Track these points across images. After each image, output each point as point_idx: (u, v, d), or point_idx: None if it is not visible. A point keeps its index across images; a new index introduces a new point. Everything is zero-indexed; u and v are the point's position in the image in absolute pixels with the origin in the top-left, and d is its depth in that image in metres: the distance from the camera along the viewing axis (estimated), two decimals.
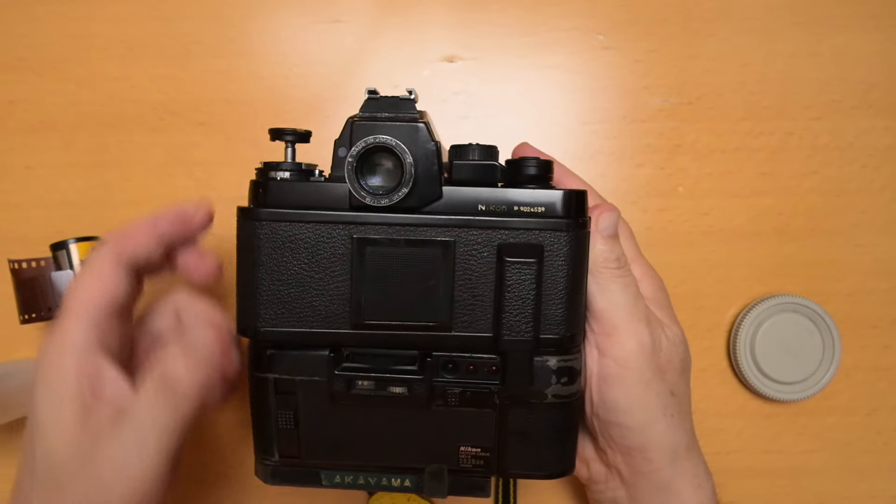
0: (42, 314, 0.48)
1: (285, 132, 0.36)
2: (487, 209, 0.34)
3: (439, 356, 0.36)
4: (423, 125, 0.34)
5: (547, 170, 0.36)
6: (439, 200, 0.34)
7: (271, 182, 0.35)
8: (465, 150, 0.35)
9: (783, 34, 0.50)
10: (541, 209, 0.34)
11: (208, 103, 0.52)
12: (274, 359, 0.36)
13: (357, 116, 0.34)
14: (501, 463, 0.37)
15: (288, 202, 0.35)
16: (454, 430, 0.37)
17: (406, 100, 0.35)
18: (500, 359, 0.35)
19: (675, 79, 0.51)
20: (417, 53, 0.51)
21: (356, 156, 0.33)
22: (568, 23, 0.51)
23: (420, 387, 0.35)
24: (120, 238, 0.36)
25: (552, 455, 0.37)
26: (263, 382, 0.36)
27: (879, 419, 0.50)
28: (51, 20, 0.52)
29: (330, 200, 0.35)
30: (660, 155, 0.51)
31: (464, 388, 0.36)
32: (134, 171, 0.52)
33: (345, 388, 0.35)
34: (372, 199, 0.33)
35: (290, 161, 0.36)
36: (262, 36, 0.52)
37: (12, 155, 0.52)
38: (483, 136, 0.51)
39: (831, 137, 0.50)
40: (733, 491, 0.50)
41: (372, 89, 0.35)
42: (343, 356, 0.36)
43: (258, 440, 0.38)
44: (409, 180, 0.33)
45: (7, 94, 0.52)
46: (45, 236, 0.50)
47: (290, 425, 0.37)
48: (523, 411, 0.36)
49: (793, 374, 0.48)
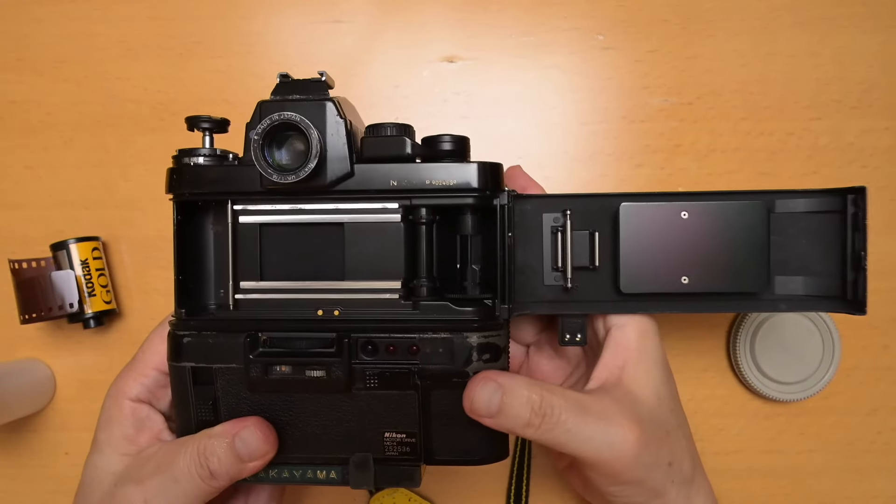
0: (42, 314, 0.48)
1: (201, 119, 0.37)
2: (399, 184, 0.34)
3: (357, 337, 0.35)
4: (331, 103, 0.34)
5: (463, 145, 0.36)
6: (351, 178, 0.34)
7: (185, 167, 0.36)
8: (379, 128, 0.35)
9: (783, 34, 0.50)
10: (452, 182, 0.34)
11: (208, 103, 0.52)
12: (190, 346, 0.35)
13: (268, 99, 0.35)
14: (429, 449, 0.36)
15: (201, 187, 0.35)
16: (377, 415, 0.36)
17: (316, 81, 0.35)
18: (418, 337, 0.35)
19: (675, 79, 0.51)
20: (417, 53, 0.51)
21: (262, 133, 0.33)
22: (568, 23, 0.51)
23: (338, 369, 0.34)
24: None
25: (481, 439, 0.36)
26: (181, 372, 0.36)
27: (879, 419, 0.50)
28: (51, 20, 0.52)
29: (241, 182, 0.35)
30: (660, 155, 0.51)
31: (383, 370, 0.35)
32: (134, 171, 0.52)
33: (262, 373, 0.35)
34: (278, 175, 0.33)
35: (207, 147, 0.36)
36: (262, 36, 0.52)
37: (12, 155, 0.52)
38: (483, 136, 0.51)
39: (831, 137, 0.50)
40: (733, 491, 0.50)
41: (284, 73, 0.35)
42: (259, 341, 0.35)
43: (180, 434, 0.37)
44: (315, 155, 0.33)
45: (7, 94, 0.52)
46: (45, 236, 0.50)
47: (210, 416, 0.36)
48: (446, 392, 0.35)
49: (793, 374, 0.48)
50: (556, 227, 0.37)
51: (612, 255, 0.36)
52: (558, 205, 0.37)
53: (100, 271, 0.50)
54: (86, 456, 0.36)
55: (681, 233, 0.36)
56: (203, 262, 0.38)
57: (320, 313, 0.36)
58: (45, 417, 0.52)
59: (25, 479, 0.52)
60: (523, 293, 0.37)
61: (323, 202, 0.35)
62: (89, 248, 0.49)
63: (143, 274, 0.52)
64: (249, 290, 0.36)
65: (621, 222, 0.36)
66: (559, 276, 0.37)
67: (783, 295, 0.36)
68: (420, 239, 0.36)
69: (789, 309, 0.37)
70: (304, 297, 0.36)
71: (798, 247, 0.36)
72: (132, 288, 0.52)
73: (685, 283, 0.36)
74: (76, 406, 0.52)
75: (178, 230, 0.36)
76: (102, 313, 0.50)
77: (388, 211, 0.35)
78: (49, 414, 0.52)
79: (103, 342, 0.52)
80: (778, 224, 0.36)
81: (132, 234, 0.52)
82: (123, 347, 0.52)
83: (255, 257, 0.36)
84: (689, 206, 0.36)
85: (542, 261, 0.37)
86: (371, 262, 0.36)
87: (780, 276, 0.36)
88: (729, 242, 0.35)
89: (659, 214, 0.36)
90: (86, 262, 0.49)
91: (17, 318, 0.48)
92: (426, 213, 0.36)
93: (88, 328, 0.49)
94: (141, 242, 0.52)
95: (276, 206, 0.36)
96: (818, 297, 0.36)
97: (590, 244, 0.37)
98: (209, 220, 0.38)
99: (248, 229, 0.36)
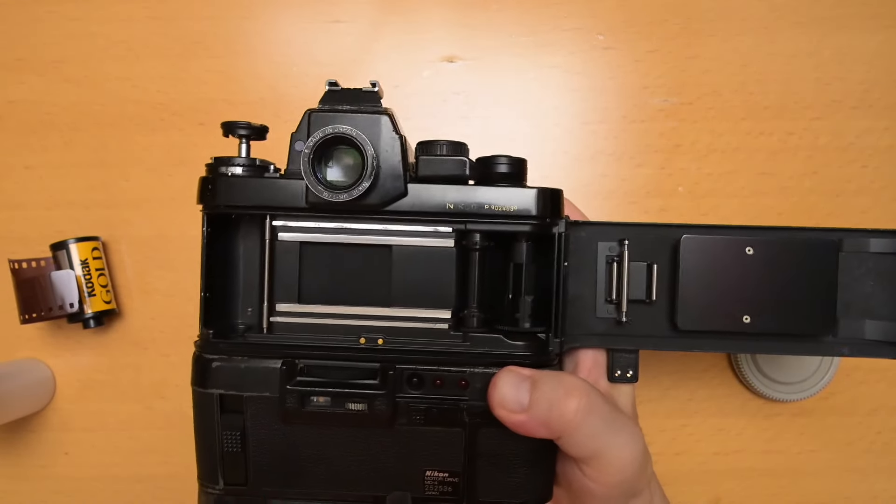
0: (42, 314, 0.48)
1: (238, 125, 0.34)
2: (455, 208, 0.32)
3: (403, 369, 0.32)
4: (386, 117, 0.32)
5: (520, 167, 0.33)
6: (404, 198, 0.32)
7: (221, 178, 0.33)
8: (432, 146, 0.33)
9: (783, 34, 0.50)
10: (512, 208, 0.32)
11: (208, 103, 0.52)
12: (220, 372, 0.33)
13: (316, 108, 0.32)
14: (472, 489, 0.34)
15: (238, 199, 0.33)
16: (419, 452, 0.33)
17: (369, 91, 0.32)
18: (468, 371, 0.33)
19: (675, 79, 0.51)
20: (417, 53, 0.51)
21: (313, 146, 0.30)
22: (568, 23, 0.51)
23: (382, 403, 0.32)
24: None
25: (527, 480, 0.34)
26: (207, 399, 0.33)
27: (879, 419, 0.50)
28: (51, 20, 0.52)
29: (284, 198, 0.32)
30: (660, 155, 0.51)
31: (430, 405, 0.33)
32: (134, 171, 0.52)
33: (298, 404, 0.32)
34: (329, 193, 0.31)
35: (244, 156, 0.34)
36: (262, 36, 0.52)
37: (12, 155, 0.52)
38: (483, 136, 0.51)
39: (831, 137, 0.50)
40: (733, 491, 0.50)
41: (332, 81, 0.32)
42: (296, 369, 0.32)
43: (201, 465, 0.34)
44: (370, 174, 0.31)
45: (7, 94, 0.52)
46: (45, 236, 0.50)
47: (237, 448, 0.33)
48: (495, 430, 0.32)
49: (793, 374, 0.48)
50: (612, 257, 0.35)
51: (669, 288, 0.35)
52: (615, 233, 0.35)
53: (100, 271, 0.50)
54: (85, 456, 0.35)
55: (744, 268, 0.34)
56: (231, 278, 0.35)
57: (363, 341, 0.33)
58: (45, 417, 0.52)
59: (25, 479, 0.52)
60: (574, 325, 0.35)
61: (371, 222, 0.33)
62: (89, 248, 0.50)
63: (143, 274, 0.52)
64: (285, 312, 0.34)
65: (681, 255, 0.34)
66: (612, 308, 0.35)
67: (847, 338, 0.35)
68: (472, 266, 0.34)
69: (852, 354, 0.35)
70: (346, 324, 0.33)
71: (864, 288, 0.34)
72: (132, 288, 0.52)
73: (746, 322, 0.34)
74: (76, 406, 0.52)
75: (206, 244, 0.33)
76: (102, 313, 0.50)
77: (440, 235, 0.33)
78: (49, 414, 0.52)
79: (103, 342, 0.52)
80: (844, 264, 0.34)
81: (132, 234, 0.52)
82: (123, 347, 0.52)
83: (293, 278, 0.34)
84: (754, 242, 0.34)
85: (595, 292, 0.35)
86: (419, 288, 0.33)
87: (844, 318, 0.35)
88: (795, 281, 0.34)
89: (722, 248, 0.34)
90: (86, 262, 0.49)
91: (17, 318, 0.48)
92: (480, 240, 0.33)
93: (88, 328, 0.49)
94: (141, 242, 0.52)
95: (321, 223, 0.33)
96: (884, 342, 0.35)
97: (647, 277, 0.35)
98: (239, 235, 0.35)
99: (288, 247, 0.33)
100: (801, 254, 0.34)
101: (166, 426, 0.51)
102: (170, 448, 0.51)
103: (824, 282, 0.34)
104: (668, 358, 0.50)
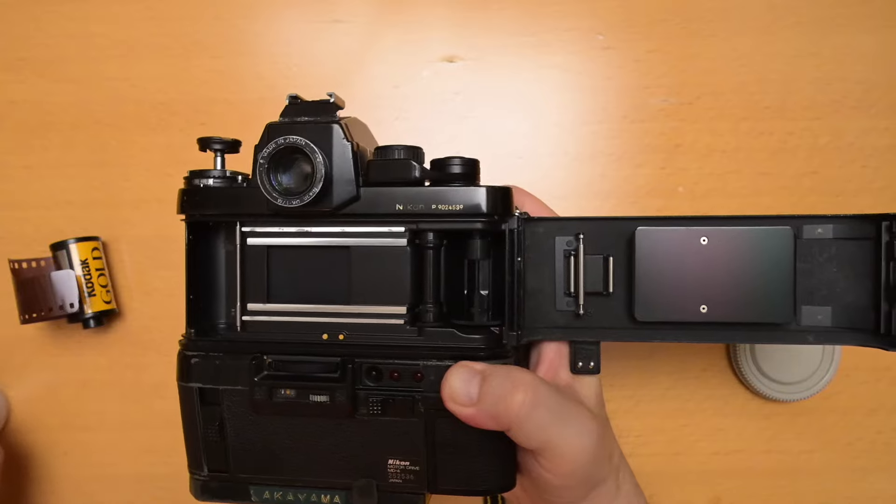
0: (42, 314, 0.48)
1: (212, 141, 0.37)
2: (405, 209, 0.34)
3: (362, 363, 0.34)
4: (338, 126, 0.34)
5: (473, 167, 0.35)
6: (357, 202, 0.34)
7: (194, 189, 0.36)
8: (387, 151, 0.35)
9: (783, 34, 0.50)
10: (459, 207, 0.34)
11: (208, 103, 0.52)
12: (198, 367, 0.36)
13: (276, 121, 0.34)
14: (433, 477, 0.35)
15: (210, 208, 0.36)
16: (381, 442, 0.35)
17: (325, 102, 0.34)
18: (422, 364, 0.34)
19: (675, 79, 0.51)
20: (417, 53, 0.51)
21: (267, 157, 0.33)
22: (568, 23, 0.51)
23: (342, 394, 0.34)
24: None
25: (486, 469, 0.35)
26: (189, 393, 0.36)
27: (879, 419, 0.50)
28: (51, 20, 0.52)
29: (250, 205, 0.35)
30: (660, 155, 0.51)
31: (387, 396, 0.34)
32: (134, 171, 0.52)
33: (266, 396, 0.35)
34: (283, 199, 0.33)
35: (218, 169, 0.37)
36: (263, 36, 0.52)
37: (12, 155, 0.52)
38: (483, 136, 0.51)
39: (831, 137, 0.50)
40: (733, 491, 0.50)
41: (293, 95, 0.35)
42: (264, 364, 0.35)
43: (188, 454, 0.37)
44: (319, 179, 0.33)
45: (7, 94, 0.52)
46: (45, 236, 0.51)
47: (217, 437, 0.36)
48: (451, 421, 0.33)
49: (793, 374, 0.48)
50: (569, 251, 0.36)
51: (626, 280, 0.35)
52: (571, 228, 0.36)
53: (100, 271, 0.50)
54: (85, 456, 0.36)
55: (700, 259, 0.34)
56: (214, 281, 0.38)
57: (325, 337, 0.35)
58: (45, 417, 0.52)
59: (25, 479, 0.52)
60: (534, 318, 0.36)
61: (329, 225, 0.35)
62: (89, 248, 0.50)
63: (143, 274, 0.52)
64: (256, 311, 0.36)
65: (637, 247, 0.34)
66: (571, 301, 0.36)
67: (810, 326, 0.34)
68: (427, 264, 0.35)
69: (817, 341, 0.35)
70: (310, 321, 0.36)
71: (827, 275, 0.34)
72: (132, 288, 0.52)
73: (704, 312, 0.34)
74: (76, 406, 0.52)
75: (189, 250, 0.36)
76: (102, 313, 0.50)
77: (394, 235, 0.35)
78: (49, 414, 0.52)
79: (103, 342, 0.52)
80: (805, 251, 0.34)
81: (132, 234, 0.52)
82: (123, 347, 0.52)
83: (262, 279, 0.36)
84: (709, 232, 0.34)
85: (555, 285, 0.36)
86: (377, 286, 0.35)
87: (806, 305, 0.34)
88: (752, 270, 0.34)
89: (677, 240, 0.34)
90: (86, 262, 0.49)
91: (17, 318, 0.48)
92: (433, 238, 0.35)
93: (88, 328, 0.49)
94: (141, 242, 0.52)
95: (283, 228, 0.36)
96: (848, 329, 0.34)
97: (604, 269, 0.35)
98: (221, 241, 0.38)
99: (256, 251, 0.36)
100: (757, 243, 0.34)
101: (166, 426, 0.51)
102: (170, 448, 0.51)
103: (781, 270, 0.34)
104: (667, 357, 0.50)
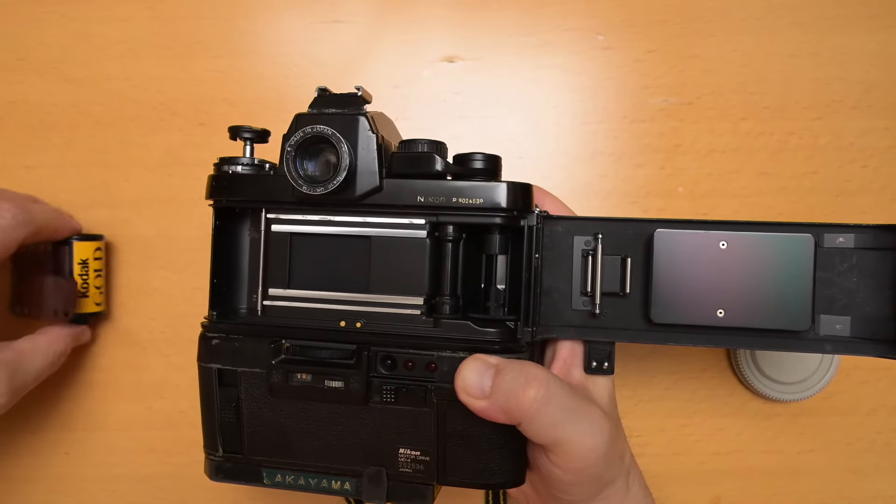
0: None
1: (243, 129, 0.38)
2: (426, 201, 0.34)
3: (377, 351, 0.35)
4: (364, 117, 0.34)
5: (495, 163, 0.36)
6: (379, 192, 0.35)
7: (223, 175, 0.37)
8: (411, 144, 0.36)
9: (783, 34, 0.50)
10: (480, 201, 0.34)
11: (208, 103, 0.52)
12: (218, 349, 0.37)
13: (305, 111, 0.35)
14: (443, 468, 0.36)
15: (237, 194, 0.37)
16: (393, 430, 0.36)
17: (353, 95, 0.35)
18: (436, 354, 0.35)
19: (675, 79, 0.51)
20: (417, 53, 0.51)
21: (294, 145, 0.34)
22: (568, 23, 0.51)
23: (356, 381, 0.35)
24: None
25: (496, 462, 0.35)
26: (208, 373, 0.37)
27: (879, 419, 0.50)
28: (51, 20, 0.52)
29: (276, 192, 0.36)
30: (660, 155, 0.51)
31: (400, 385, 0.35)
32: (134, 171, 0.52)
33: (283, 380, 0.35)
34: (308, 187, 0.34)
35: (247, 157, 0.38)
36: (263, 36, 0.52)
37: (12, 155, 0.52)
38: (483, 136, 0.51)
39: (831, 137, 0.50)
40: (733, 491, 0.50)
41: (322, 87, 0.36)
42: (282, 348, 0.36)
43: (205, 434, 0.38)
44: (344, 168, 0.33)
45: (7, 94, 0.52)
46: None
47: (233, 419, 0.37)
48: (463, 412, 0.34)
49: (793, 375, 0.48)
50: (587, 251, 0.36)
51: (643, 282, 0.35)
52: (590, 228, 0.36)
53: (97, 272, 0.49)
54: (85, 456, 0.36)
55: (718, 263, 0.34)
56: (237, 266, 0.39)
57: (343, 324, 0.36)
58: (45, 417, 0.52)
59: (25, 479, 0.52)
60: (549, 316, 0.37)
61: (351, 215, 0.36)
62: (92, 247, 0.49)
63: (143, 274, 0.52)
64: (277, 296, 0.37)
65: (655, 249, 0.34)
66: (587, 300, 0.36)
67: (828, 336, 0.34)
68: (445, 256, 0.36)
69: (835, 351, 0.34)
70: (329, 308, 0.36)
71: (847, 284, 0.34)
72: (132, 288, 0.52)
73: (720, 317, 0.34)
74: (76, 406, 0.52)
75: (215, 235, 0.37)
76: (90, 315, 0.49)
77: (414, 227, 0.35)
78: (49, 414, 0.52)
79: (102, 342, 0.52)
80: (826, 259, 0.34)
81: (132, 234, 0.52)
82: (122, 347, 0.52)
83: (284, 265, 0.37)
84: (728, 237, 0.34)
85: (571, 284, 0.36)
86: (395, 276, 0.36)
87: (825, 314, 0.34)
88: (771, 276, 0.34)
89: (696, 243, 0.34)
90: (85, 262, 0.49)
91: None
92: (453, 231, 0.35)
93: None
94: (141, 242, 0.52)
95: (307, 216, 0.36)
96: (867, 339, 0.34)
97: (621, 270, 0.36)
98: (246, 227, 0.39)
99: (280, 237, 0.37)
100: (776, 249, 0.34)
101: (166, 426, 0.51)
102: (170, 448, 0.51)
103: (801, 277, 0.34)
104: (667, 357, 0.50)
